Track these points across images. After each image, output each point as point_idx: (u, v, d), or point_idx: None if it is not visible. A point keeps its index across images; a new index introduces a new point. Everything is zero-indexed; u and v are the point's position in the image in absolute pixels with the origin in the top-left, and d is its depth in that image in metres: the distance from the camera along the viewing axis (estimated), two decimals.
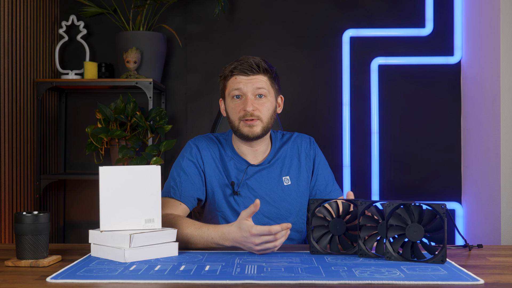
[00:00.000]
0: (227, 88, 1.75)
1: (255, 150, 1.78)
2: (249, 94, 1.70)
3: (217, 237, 1.47)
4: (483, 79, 2.72)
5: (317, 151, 1.86)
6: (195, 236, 1.50)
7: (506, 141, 2.48)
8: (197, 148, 1.77)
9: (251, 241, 1.40)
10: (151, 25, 3.05)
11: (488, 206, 2.64)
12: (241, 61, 1.73)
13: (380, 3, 3.07)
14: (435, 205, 1.33)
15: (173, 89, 3.13)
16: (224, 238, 1.46)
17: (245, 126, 1.70)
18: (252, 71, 1.70)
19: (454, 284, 1.15)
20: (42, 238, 1.32)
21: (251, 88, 1.70)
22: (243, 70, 1.71)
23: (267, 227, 1.39)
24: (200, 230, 1.51)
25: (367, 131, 3.05)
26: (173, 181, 1.71)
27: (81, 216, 3.13)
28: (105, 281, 1.16)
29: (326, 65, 3.07)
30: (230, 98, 1.74)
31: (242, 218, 1.42)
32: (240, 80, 1.71)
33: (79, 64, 3.05)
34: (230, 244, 1.46)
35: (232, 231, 1.44)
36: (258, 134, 1.71)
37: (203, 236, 1.49)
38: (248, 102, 1.69)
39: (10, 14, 2.55)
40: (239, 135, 1.73)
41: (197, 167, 1.75)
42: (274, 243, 1.40)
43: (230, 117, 1.74)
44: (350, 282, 1.15)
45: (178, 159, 1.77)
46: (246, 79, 1.71)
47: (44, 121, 2.92)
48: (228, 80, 1.74)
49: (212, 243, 1.48)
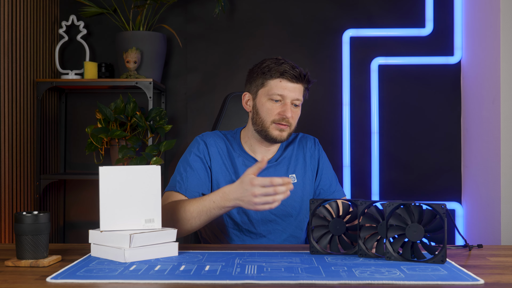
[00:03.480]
0: (266, 87, 1.73)
1: (269, 150, 1.81)
2: (289, 101, 1.72)
3: (219, 199, 1.51)
4: (483, 79, 2.72)
5: (321, 152, 1.89)
6: (197, 208, 1.54)
7: (506, 141, 2.48)
8: (205, 144, 1.78)
9: (251, 192, 1.42)
10: (151, 25, 3.05)
11: (488, 206, 2.64)
12: (289, 65, 1.72)
13: (380, 3, 3.07)
14: (435, 205, 1.33)
15: (173, 89, 3.13)
16: (225, 198, 1.49)
17: (277, 129, 1.72)
18: (298, 80, 1.72)
19: (454, 284, 1.15)
20: (42, 238, 1.32)
21: (293, 96, 1.72)
22: (292, 76, 1.71)
23: (268, 178, 1.41)
24: (201, 200, 1.55)
25: (367, 131, 3.05)
26: (179, 176, 1.72)
27: (81, 216, 3.13)
28: (105, 281, 1.16)
29: (326, 65, 3.07)
30: (267, 98, 1.72)
31: (246, 173, 1.45)
32: (286, 86, 1.71)
33: (79, 64, 3.05)
34: (232, 204, 1.49)
35: (234, 188, 1.48)
36: (285, 139, 1.75)
37: (205, 204, 1.53)
38: (288, 109, 1.71)
39: (10, 14, 2.55)
40: (265, 135, 1.74)
41: (203, 163, 1.75)
42: (274, 197, 1.42)
43: (261, 116, 1.74)
44: (350, 282, 1.15)
45: (185, 154, 1.78)
46: (291, 87, 1.71)
47: (44, 121, 2.92)
48: (272, 80, 1.72)
49: (215, 208, 1.52)
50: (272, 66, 1.72)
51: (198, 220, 1.55)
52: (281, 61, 1.73)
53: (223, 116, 2.17)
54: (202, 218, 1.55)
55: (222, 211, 1.53)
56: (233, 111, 2.17)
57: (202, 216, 1.54)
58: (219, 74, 3.11)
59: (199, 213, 1.54)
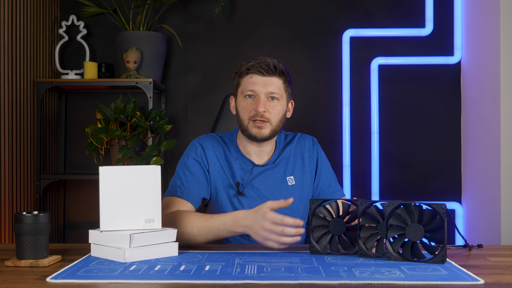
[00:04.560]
0: (240, 86, 1.74)
1: (261, 150, 1.78)
2: (262, 95, 1.69)
3: (230, 222, 1.49)
4: (483, 79, 2.72)
5: (320, 152, 1.87)
6: (206, 226, 1.51)
7: (506, 141, 2.48)
8: (202, 147, 1.76)
9: (261, 224, 1.41)
10: (151, 25, 3.05)
11: (488, 206, 2.64)
12: (258, 61, 1.71)
13: (380, 3, 3.07)
14: (435, 205, 1.33)
15: (173, 89, 3.13)
16: (236, 223, 1.48)
17: (254, 127, 1.70)
18: (268, 72, 1.69)
19: (454, 284, 1.15)
20: (42, 238, 1.31)
21: (265, 90, 1.69)
22: (260, 70, 1.69)
23: (281, 216, 1.40)
24: (211, 218, 1.53)
25: (367, 131, 3.05)
26: (179, 181, 1.71)
27: (81, 216, 3.13)
28: (105, 281, 1.16)
29: (326, 65, 3.07)
30: (242, 97, 1.73)
31: (265, 205, 1.44)
32: (256, 80, 1.70)
33: (79, 64, 3.05)
34: (241, 230, 1.48)
35: (247, 214, 1.46)
36: (266, 136, 1.71)
37: (215, 224, 1.51)
38: (260, 103, 1.68)
39: (10, 14, 2.55)
40: (247, 134, 1.72)
41: (202, 166, 1.74)
42: (278, 237, 1.40)
43: (239, 116, 1.74)
44: (350, 282, 1.15)
45: (183, 159, 1.77)
46: (262, 80, 1.69)
47: (44, 121, 2.92)
48: (243, 78, 1.73)
49: (223, 230, 1.50)
50: (243, 65, 1.73)
51: (204, 238, 1.53)
52: (252, 59, 1.72)
53: (223, 116, 2.16)
54: (209, 237, 1.53)
55: (230, 235, 1.52)
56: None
57: (209, 235, 1.52)
58: (219, 74, 3.11)
59: (207, 231, 1.52)
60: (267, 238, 1.42)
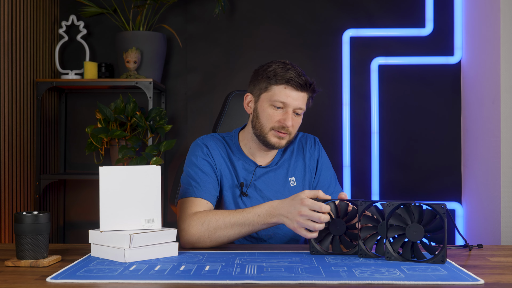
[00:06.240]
0: (270, 92, 1.69)
1: (267, 154, 1.79)
2: (291, 109, 1.68)
3: (265, 212, 1.50)
4: (483, 79, 2.72)
5: (321, 151, 1.87)
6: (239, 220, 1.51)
7: (506, 141, 2.48)
8: (207, 147, 1.74)
9: (298, 210, 1.42)
10: (151, 25, 3.05)
11: (488, 206, 2.64)
12: (295, 72, 1.66)
13: (380, 3, 3.07)
14: (435, 205, 1.33)
15: (173, 89, 3.13)
16: (271, 213, 1.49)
17: (275, 136, 1.69)
18: (302, 89, 1.67)
19: (454, 284, 1.15)
20: (42, 238, 1.32)
21: (295, 104, 1.67)
22: (297, 85, 1.66)
23: (319, 203, 1.41)
24: (243, 212, 1.53)
25: (367, 131, 3.05)
26: (193, 181, 1.67)
27: (81, 216, 3.13)
28: (105, 281, 1.16)
29: (326, 65, 3.07)
30: (269, 104, 1.69)
31: (302, 192, 1.44)
32: (290, 93, 1.66)
33: (79, 64, 3.05)
34: (275, 220, 1.48)
35: (283, 203, 1.47)
36: (283, 147, 1.72)
37: (248, 216, 1.51)
38: (289, 118, 1.67)
39: (10, 14, 2.55)
40: (263, 141, 1.71)
41: (211, 165, 1.72)
42: (314, 224, 1.40)
43: (260, 121, 1.70)
44: (350, 282, 1.15)
45: (191, 159, 1.73)
46: (295, 95, 1.67)
47: (44, 121, 2.92)
48: (277, 86, 1.67)
49: (259, 222, 1.50)
50: (278, 71, 1.67)
51: (238, 233, 1.52)
52: (288, 67, 1.68)
53: (225, 115, 2.13)
54: (243, 231, 1.52)
55: (264, 227, 1.51)
56: (234, 110, 2.13)
57: (243, 229, 1.52)
58: (219, 74, 3.11)
59: (241, 225, 1.51)
60: (302, 225, 1.42)
